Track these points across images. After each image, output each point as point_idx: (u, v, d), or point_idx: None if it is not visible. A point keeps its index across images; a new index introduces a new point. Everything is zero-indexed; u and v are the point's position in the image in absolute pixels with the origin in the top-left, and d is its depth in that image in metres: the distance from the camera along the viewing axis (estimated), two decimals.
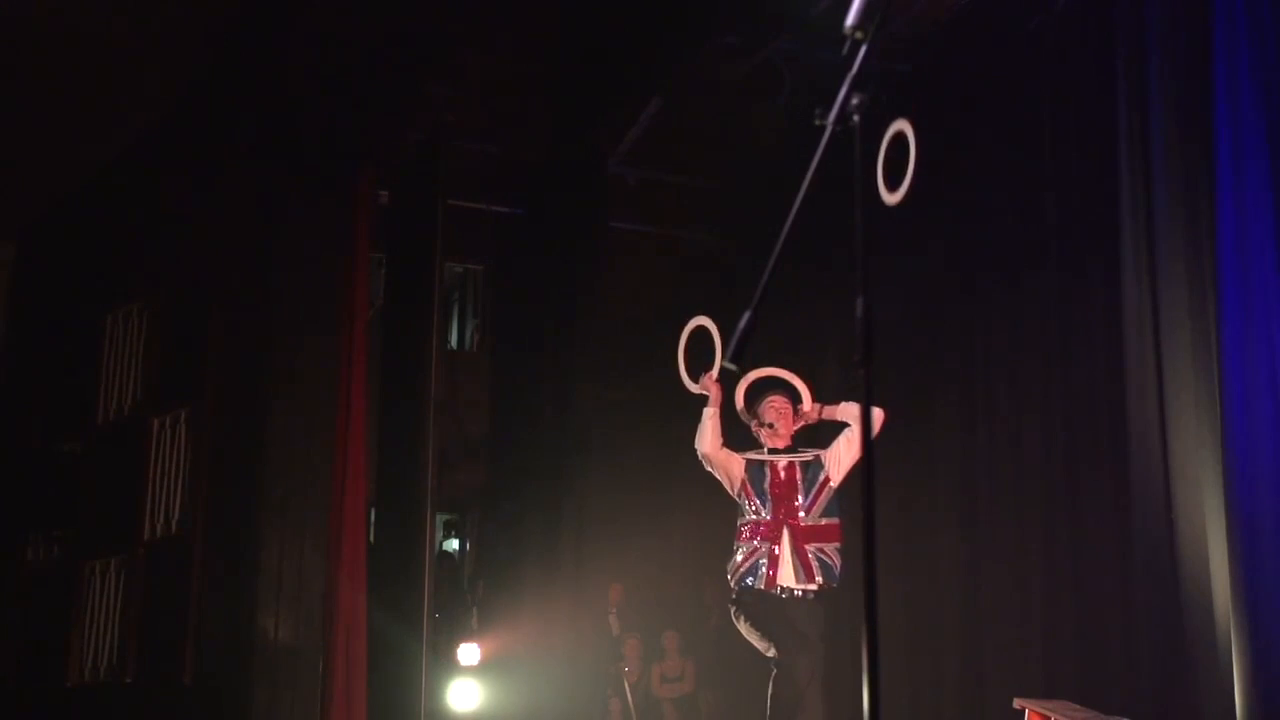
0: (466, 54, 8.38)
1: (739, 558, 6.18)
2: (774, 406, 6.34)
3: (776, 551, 6.09)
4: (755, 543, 6.13)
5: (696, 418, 6.28)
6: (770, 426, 6.31)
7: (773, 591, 6.08)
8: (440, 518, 11.64)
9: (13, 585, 10.21)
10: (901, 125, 5.51)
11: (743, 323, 2.78)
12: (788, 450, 6.31)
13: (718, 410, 6.25)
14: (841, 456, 6.22)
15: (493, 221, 9.90)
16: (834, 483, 6.22)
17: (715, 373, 6.27)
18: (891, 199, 5.45)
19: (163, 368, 9.43)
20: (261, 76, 8.75)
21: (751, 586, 6.11)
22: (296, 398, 8.48)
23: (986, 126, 7.85)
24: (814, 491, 6.19)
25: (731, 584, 6.22)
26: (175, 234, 9.49)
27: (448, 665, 9.06)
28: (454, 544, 12.45)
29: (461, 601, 10.08)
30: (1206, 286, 5.96)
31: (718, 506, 6.51)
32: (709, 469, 6.35)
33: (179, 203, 9.42)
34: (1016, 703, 5.90)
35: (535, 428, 9.17)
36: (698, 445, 6.30)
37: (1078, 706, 5.84)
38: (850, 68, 2.69)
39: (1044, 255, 7.35)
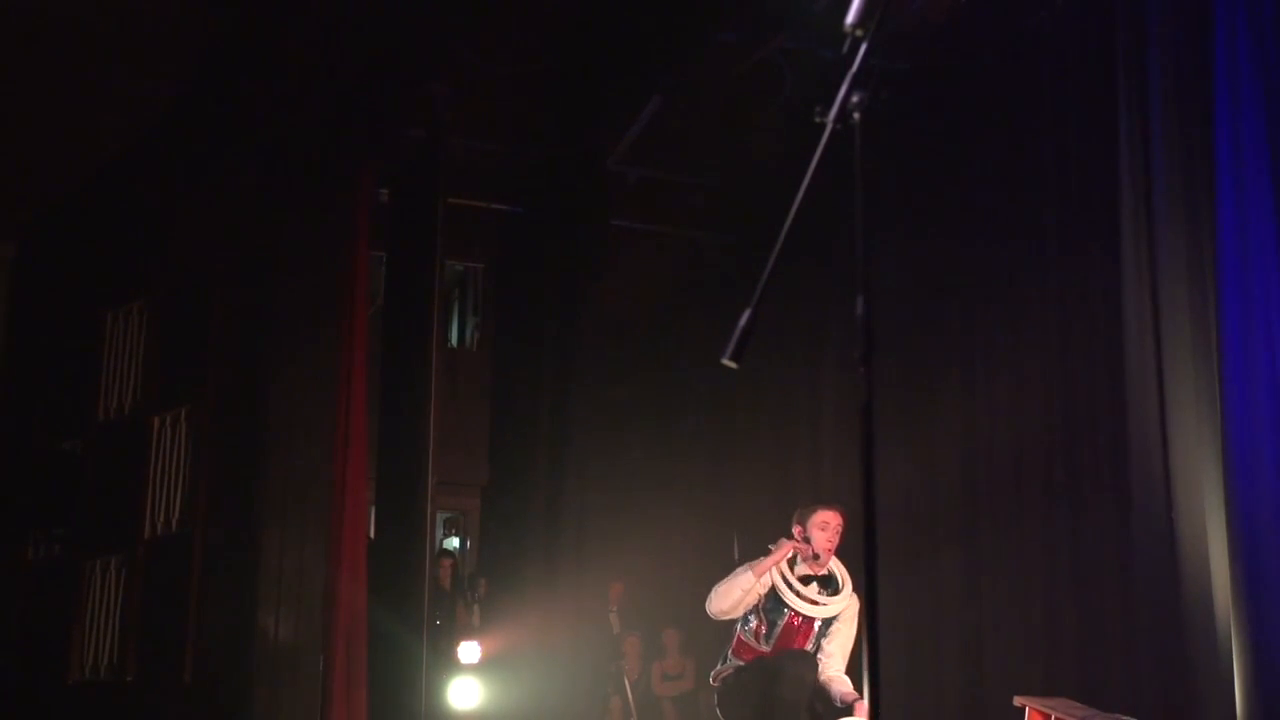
0: (466, 54, 8.37)
1: (727, 668, 6.10)
2: (831, 533, 5.97)
3: None
4: (744, 666, 6.05)
5: (696, 417, 6.19)
6: (815, 558, 6.00)
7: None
8: (440, 516, 11.64)
9: (14, 583, 10.22)
10: None
11: (743, 321, 2.78)
12: (822, 582, 6.05)
13: (760, 582, 5.88)
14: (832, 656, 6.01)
15: (493, 220, 9.90)
16: None
17: (803, 543, 5.92)
18: None
19: (163, 367, 9.44)
20: (262, 76, 8.75)
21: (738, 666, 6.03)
22: (296, 397, 8.48)
23: (986, 126, 7.85)
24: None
25: (714, 683, 6.15)
26: (175, 234, 9.50)
27: (448, 664, 9.06)
28: (454, 542, 12.45)
29: (462, 599, 10.08)
30: (1206, 286, 5.96)
31: (718, 505, 6.47)
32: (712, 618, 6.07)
33: (179, 203, 9.42)
34: (1017, 700, 5.89)
35: (535, 427, 9.16)
36: (713, 605, 5.92)
37: (1078, 704, 5.83)
38: (850, 65, 2.70)
39: (1044, 254, 7.35)
